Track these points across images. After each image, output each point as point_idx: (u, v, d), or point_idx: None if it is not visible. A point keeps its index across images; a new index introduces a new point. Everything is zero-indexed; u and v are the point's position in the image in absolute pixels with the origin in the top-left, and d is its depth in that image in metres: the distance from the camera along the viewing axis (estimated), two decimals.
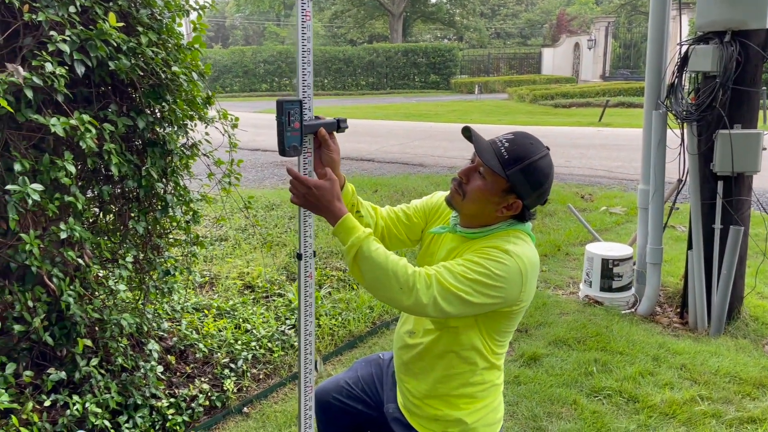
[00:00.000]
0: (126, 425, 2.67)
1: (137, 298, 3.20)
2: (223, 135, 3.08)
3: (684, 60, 3.93)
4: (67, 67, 2.23)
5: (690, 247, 3.95)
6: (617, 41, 31.72)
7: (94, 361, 2.72)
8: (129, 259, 2.76)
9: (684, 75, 3.99)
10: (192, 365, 3.26)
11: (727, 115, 3.65)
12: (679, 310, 4.15)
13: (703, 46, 3.74)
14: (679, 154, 4.06)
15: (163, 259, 3.06)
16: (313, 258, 1.80)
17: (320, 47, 35.56)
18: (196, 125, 2.94)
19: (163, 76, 2.60)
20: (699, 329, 3.90)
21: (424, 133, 13.72)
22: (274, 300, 4.10)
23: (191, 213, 3.12)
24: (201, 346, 3.34)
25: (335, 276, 4.56)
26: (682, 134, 3.99)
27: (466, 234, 1.79)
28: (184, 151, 2.97)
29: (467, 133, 1.76)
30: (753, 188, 3.89)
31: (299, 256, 1.78)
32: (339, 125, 1.76)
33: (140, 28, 2.51)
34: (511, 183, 1.66)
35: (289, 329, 3.72)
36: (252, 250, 5.07)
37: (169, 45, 2.72)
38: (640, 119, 15.47)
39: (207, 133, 2.93)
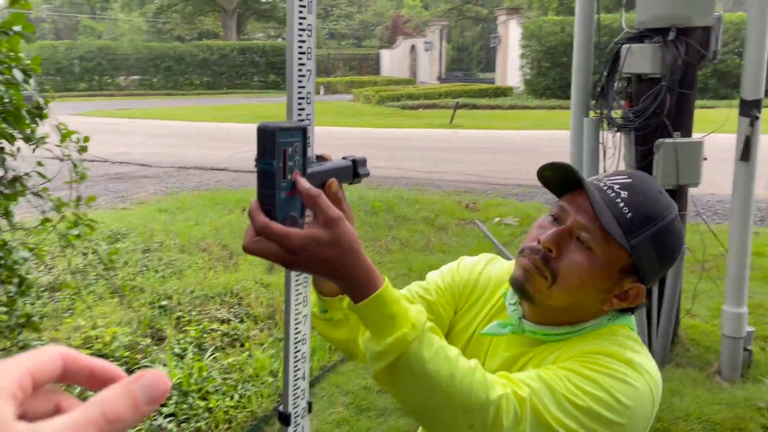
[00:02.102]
0: None
1: None
2: (62, 161, 2.05)
3: (615, 61, 3.54)
4: None
5: None
6: (450, 44, 32.87)
7: None
8: None
9: (611, 77, 3.60)
10: None
11: (671, 122, 3.29)
12: None
13: (640, 45, 3.35)
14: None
15: None
16: (307, 416, 0.98)
17: (146, 44, 32.79)
18: (19, 150, 1.88)
19: None
20: None
21: None
22: None
23: (17, 281, 2.05)
24: None
25: (218, 330, 3.58)
26: (603, 141, 3.60)
27: (544, 335, 1.10)
28: (1, 189, 1.91)
29: (551, 172, 1.07)
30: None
31: (284, 419, 0.95)
32: (356, 170, 0.95)
33: None
34: (636, 258, 1.03)
35: (167, 421, 2.71)
36: (98, 302, 3.89)
37: None
38: (486, 120, 15.87)
39: (40, 164, 1.88)
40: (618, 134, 3.55)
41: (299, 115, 0.84)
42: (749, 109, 3.17)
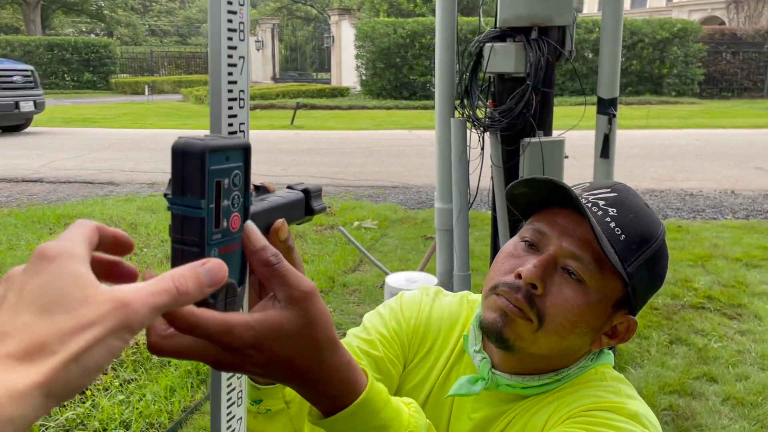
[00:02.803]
0: None
1: None
2: None
3: (477, 60, 3.49)
4: None
5: None
6: (283, 43, 32.36)
7: None
8: None
9: (474, 77, 3.56)
10: None
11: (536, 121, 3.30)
12: None
13: (504, 44, 3.32)
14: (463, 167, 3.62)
15: None
16: None
17: None
18: None
19: None
20: None
21: (103, 142, 11.51)
22: None
23: None
24: None
25: None
26: (469, 141, 3.56)
27: (523, 388, 0.93)
28: None
29: (527, 188, 0.94)
30: None
31: None
32: (310, 204, 0.65)
33: None
34: (631, 287, 0.87)
35: None
36: None
37: None
38: (326, 121, 15.73)
39: None
40: (483, 134, 3.51)
41: (230, 124, 0.52)
42: (607, 108, 3.27)
